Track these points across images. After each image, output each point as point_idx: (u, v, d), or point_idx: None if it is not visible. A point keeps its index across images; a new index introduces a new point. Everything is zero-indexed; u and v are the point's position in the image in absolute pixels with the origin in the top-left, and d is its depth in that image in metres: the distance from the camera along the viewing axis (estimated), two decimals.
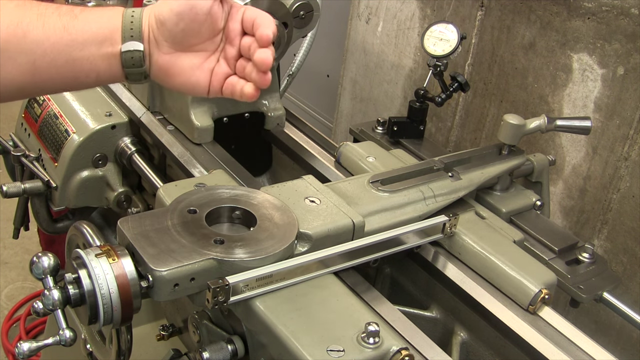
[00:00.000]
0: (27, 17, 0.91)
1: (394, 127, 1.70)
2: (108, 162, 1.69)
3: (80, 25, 0.93)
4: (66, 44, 0.92)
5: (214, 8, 0.95)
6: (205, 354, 1.04)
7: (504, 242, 1.26)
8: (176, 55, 0.97)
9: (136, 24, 0.95)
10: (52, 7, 0.93)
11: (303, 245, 1.08)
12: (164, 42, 0.96)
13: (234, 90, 1.00)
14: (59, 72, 0.94)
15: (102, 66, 0.95)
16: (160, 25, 0.95)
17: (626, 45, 1.75)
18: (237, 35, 0.99)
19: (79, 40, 0.93)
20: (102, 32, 0.94)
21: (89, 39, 0.93)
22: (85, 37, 0.93)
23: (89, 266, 0.94)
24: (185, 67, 0.98)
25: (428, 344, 1.08)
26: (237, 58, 1.00)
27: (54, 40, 0.92)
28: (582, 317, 1.91)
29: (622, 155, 1.81)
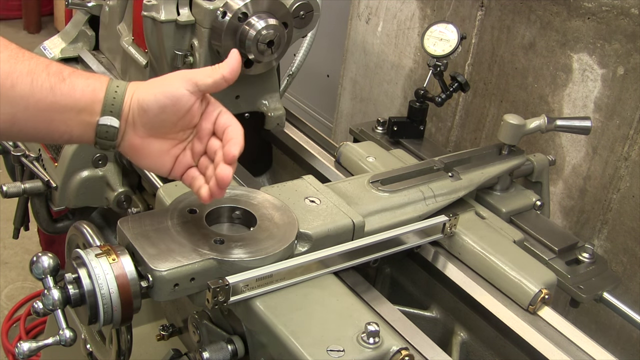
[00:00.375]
0: (17, 70, 0.93)
1: (394, 127, 1.70)
2: (108, 162, 1.69)
3: (66, 89, 0.95)
4: (49, 104, 0.95)
5: (195, 105, 1.00)
6: (205, 354, 1.04)
7: (504, 242, 1.26)
8: (148, 139, 1.01)
9: (118, 100, 0.98)
10: (43, 64, 0.95)
11: (303, 245, 1.08)
12: (141, 127, 1.00)
13: (193, 185, 1.04)
14: (36, 128, 0.98)
15: (77, 131, 0.99)
16: (142, 112, 0.98)
17: (626, 45, 1.75)
18: (207, 135, 1.03)
19: (61, 103, 0.95)
20: (85, 100, 0.97)
21: (71, 104, 0.96)
22: (67, 101, 0.96)
23: (89, 266, 0.94)
24: (154, 151, 1.02)
25: (428, 344, 1.08)
26: (202, 153, 1.04)
27: (39, 97, 0.94)
28: (582, 317, 1.91)
29: (622, 155, 1.81)
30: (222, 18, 1.42)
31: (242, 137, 1.00)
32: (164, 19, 1.45)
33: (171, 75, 1.01)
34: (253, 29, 1.43)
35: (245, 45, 1.44)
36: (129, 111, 0.99)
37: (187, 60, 1.50)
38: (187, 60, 1.50)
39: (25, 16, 5.29)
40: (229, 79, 1.00)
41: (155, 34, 1.49)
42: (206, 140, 1.03)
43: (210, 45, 1.47)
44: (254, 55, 1.45)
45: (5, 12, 5.38)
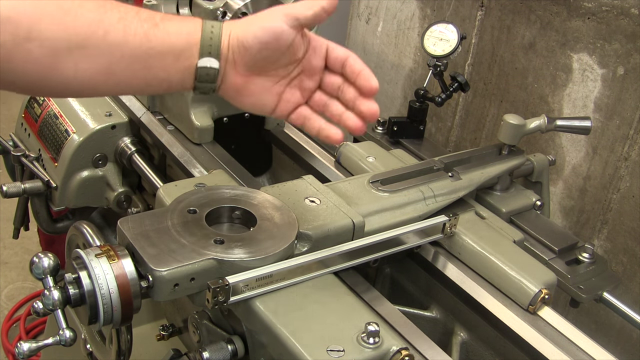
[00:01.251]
0: (108, 18, 0.89)
1: (394, 127, 1.70)
2: (108, 162, 1.69)
3: (160, 34, 0.92)
4: (145, 51, 0.92)
5: (297, 39, 0.96)
6: (205, 354, 1.04)
7: (504, 242, 1.26)
8: (250, 77, 0.98)
9: (215, 40, 0.94)
10: (133, 11, 0.92)
11: (303, 245, 1.08)
12: (242, 65, 0.96)
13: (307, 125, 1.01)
14: (134, 77, 0.94)
15: (176, 77, 0.95)
16: (244, 50, 0.95)
17: (626, 45, 1.75)
18: (318, 71, 1.00)
19: (158, 49, 0.92)
20: (181, 44, 0.93)
21: (168, 50, 0.93)
22: (164, 47, 0.92)
23: (89, 266, 0.94)
24: (256, 89, 0.99)
25: (428, 344, 1.08)
26: (313, 90, 1.01)
27: (133, 45, 0.91)
28: (582, 317, 1.91)
29: (622, 155, 1.81)
30: (222, 18, 1.42)
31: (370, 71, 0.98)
32: None
33: (269, 11, 0.96)
34: None
35: None
36: (228, 50, 0.95)
37: None
38: None
39: None
40: (328, 9, 0.96)
41: None
42: (318, 77, 1.00)
43: None
44: None
45: None
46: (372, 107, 1.01)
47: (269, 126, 1.68)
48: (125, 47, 0.90)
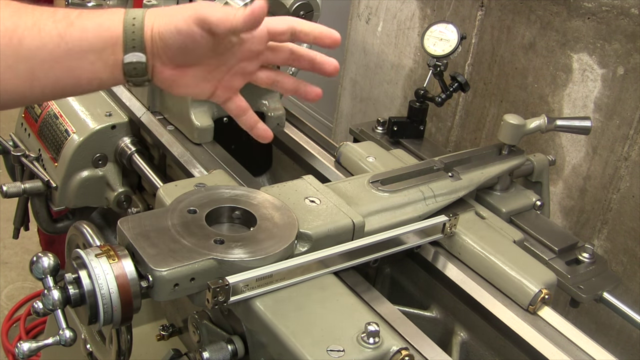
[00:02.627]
0: (22, 24, 0.88)
1: (394, 127, 1.70)
2: (108, 162, 1.69)
3: (77, 33, 0.90)
4: (64, 52, 0.90)
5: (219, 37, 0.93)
6: (205, 354, 1.04)
7: (504, 242, 1.26)
8: (181, 69, 0.95)
9: (138, 34, 0.91)
10: (48, 13, 0.90)
11: (303, 245, 1.08)
12: (168, 59, 0.94)
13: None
14: (59, 80, 0.92)
15: (104, 74, 0.93)
16: (165, 46, 0.92)
17: (626, 45, 1.75)
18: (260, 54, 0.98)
19: (76, 49, 0.90)
20: (101, 41, 0.91)
21: (88, 48, 0.90)
22: (83, 46, 0.90)
23: (89, 266, 0.94)
24: (190, 81, 0.97)
25: (428, 344, 1.08)
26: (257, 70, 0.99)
27: (51, 48, 0.89)
28: (582, 317, 1.91)
29: (622, 155, 1.81)
30: None
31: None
32: None
33: (188, 7, 0.92)
34: None
35: None
36: (151, 44, 0.92)
37: None
38: None
39: None
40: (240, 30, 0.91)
41: None
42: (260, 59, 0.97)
43: None
44: None
45: None
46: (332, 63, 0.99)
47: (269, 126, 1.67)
48: (42, 51, 0.89)
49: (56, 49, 0.89)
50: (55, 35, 0.89)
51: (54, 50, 0.89)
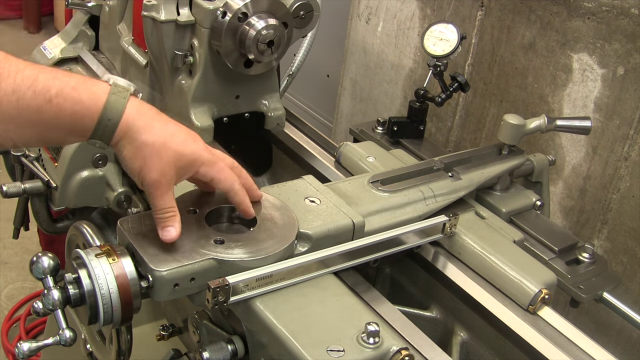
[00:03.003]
0: (2, 89, 0.90)
1: (394, 127, 1.70)
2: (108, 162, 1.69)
3: (52, 111, 0.93)
4: (37, 123, 0.93)
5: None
6: (205, 354, 1.04)
7: (504, 242, 1.26)
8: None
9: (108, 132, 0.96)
10: (29, 80, 0.92)
11: (303, 245, 1.08)
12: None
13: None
14: (30, 140, 0.98)
15: (72, 140, 1.05)
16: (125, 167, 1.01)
17: (626, 45, 1.75)
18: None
19: (50, 124, 0.94)
20: (73, 125, 0.95)
21: (59, 126, 0.95)
22: (55, 123, 0.94)
23: (89, 266, 0.94)
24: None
25: (428, 344, 1.08)
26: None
27: (26, 118, 0.92)
28: (582, 317, 1.91)
29: (622, 155, 1.81)
30: (222, 18, 1.42)
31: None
32: (164, 19, 1.45)
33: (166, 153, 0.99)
34: (253, 29, 1.43)
35: (245, 45, 1.44)
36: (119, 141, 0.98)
37: (187, 60, 1.50)
38: (187, 60, 1.50)
39: (25, 16, 5.29)
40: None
41: (155, 34, 1.49)
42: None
43: (210, 45, 1.47)
44: (254, 55, 1.45)
45: (5, 12, 5.37)
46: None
47: (269, 126, 1.68)
48: (19, 119, 0.92)
49: (31, 120, 0.93)
50: (33, 107, 0.92)
51: (29, 120, 0.93)
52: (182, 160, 0.99)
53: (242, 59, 1.49)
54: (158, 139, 0.97)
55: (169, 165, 0.98)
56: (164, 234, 0.99)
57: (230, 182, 1.05)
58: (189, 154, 1.00)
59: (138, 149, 0.97)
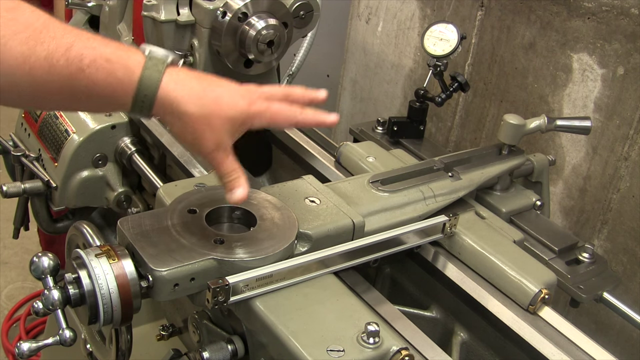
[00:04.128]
0: (35, 54, 0.88)
1: (394, 127, 1.70)
2: (108, 162, 1.69)
3: (85, 82, 0.90)
4: (70, 91, 0.91)
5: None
6: (205, 354, 1.04)
7: (504, 242, 1.26)
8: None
9: (147, 104, 0.93)
10: (63, 47, 0.89)
11: (303, 245, 1.08)
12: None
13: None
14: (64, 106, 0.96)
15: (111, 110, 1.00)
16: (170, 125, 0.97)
17: (626, 45, 1.75)
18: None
19: (85, 93, 0.91)
20: (107, 96, 0.92)
21: (94, 97, 0.92)
22: (89, 93, 0.91)
23: (89, 266, 0.94)
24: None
25: (428, 344, 1.08)
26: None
27: (59, 85, 0.90)
28: (582, 317, 1.91)
29: (622, 155, 1.81)
30: (222, 18, 1.42)
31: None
32: (164, 19, 1.45)
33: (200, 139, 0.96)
34: (253, 29, 1.43)
35: (245, 45, 1.44)
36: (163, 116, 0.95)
37: (187, 60, 1.50)
38: (187, 60, 1.50)
39: None
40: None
41: (155, 34, 1.49)
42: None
43: (210, 45, 1.47)
44: (254, 55, 1.46)
45: None
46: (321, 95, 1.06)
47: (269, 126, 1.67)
48: (51, 84, 0.90)
49: (64, 87, 0.91)
50: (65, 76, 0.90)
51: (61, 87, 0.91)
52: (234, 123, 0.96)
53: (242, 59, 1.49)
54: (204, 109, 0.94)
55: (221, 133, 0.95)
56: (232, 197, 0.98)
57: (288, 122, 1.02)
58: (238, 115, 0.97)
59: (185, 124, 0.94)
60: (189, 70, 0.98)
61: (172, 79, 0.93)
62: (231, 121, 0.96)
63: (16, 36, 0.88)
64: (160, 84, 0.92)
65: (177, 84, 0.93)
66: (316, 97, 1.07)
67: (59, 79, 0.90)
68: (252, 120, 0.99)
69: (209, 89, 0.96)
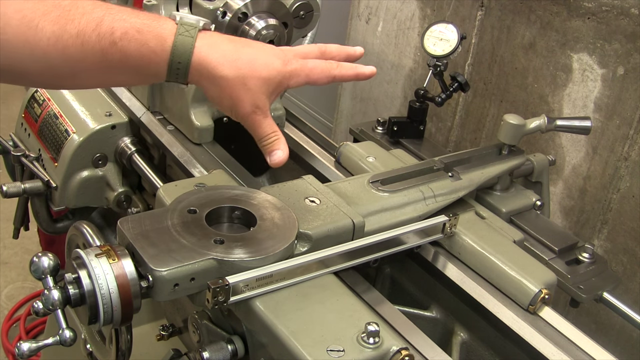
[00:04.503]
0: (67, 33, 0.88)
1: (394, 127, 1.70)
2: (108, 162, 1.69)
3: (117, 55, 0.90)
4: (105, 66, 0.91)
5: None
6: (205, 354, 1.04)
7: (504, 242, 1.26)
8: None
9: (182, 75, 0.93)
10: (94, 22, 0.89)
11: (303, 245, 1.08)
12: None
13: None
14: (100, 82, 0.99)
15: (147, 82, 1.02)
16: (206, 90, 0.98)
17: (626, 45, 1.75)
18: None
19: (117, 67, 0.92)
20: (143, 68, 0.93)
21: (128, 70, 0.92)
22: (123, 66, 0.92)
23: (89, 266, 0.94)
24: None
25: (428, 344, 1.08)
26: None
27: (92, 60, 0.90)
28: (582, 317, 1.91)
29: (622, 155, 1.81)
30: (222, 18, 1.42)
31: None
32: None
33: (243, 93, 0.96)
34: (253, 29, 1.43)
35: None
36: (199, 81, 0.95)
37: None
38: None
39: None
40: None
41: None
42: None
43: None
44: None
45: None
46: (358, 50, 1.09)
47: None
48: (85, 62, 0.90)
49: (98, 62, 0.91)
50: (97, 51, 0.90)
51: (96, 63, 0.91)
52: (270, 84, 0.96)
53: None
54: (239, 72, 0.94)
55: (258, 94, 0.95)
56: (272, 159, 0.99)
57: (325, 77, 1.01)
58: (275, 75, 0.96)
59: (221, 87, 0.94)
60: (221, 34, 0.98)
61: (205, 43, 0.93)
62: (267, 81, 0.96)
63: (46, 17, 0.88)
64: (193, 49, 0.92)
65: (210, 48, 0.93)
66: (353, 53, 1.08)
67: (92, 54, 0.90)
68: (288, 80, 0.98)
69: (243, 51, 0.95)
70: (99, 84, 0.96)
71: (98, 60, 0.90)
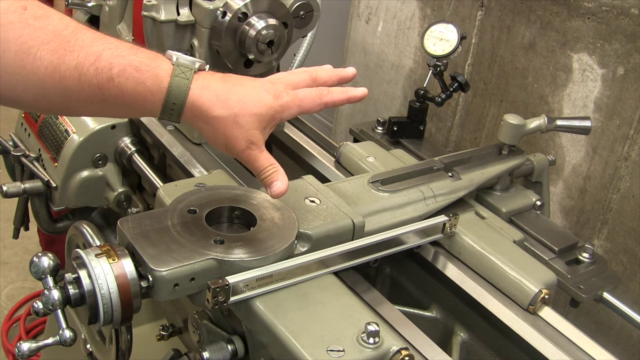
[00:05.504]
0: (65, 64, 0.89)
1: (394, 127, 1.70)
2: (108, 162, 1.69)
3: (114, 91, 0.91)
4: (100, 101, 0.92)
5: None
6: (205, 354, 1.04)
7: (504, 242, 1.26)
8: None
9: (175, 115, 0.95)
10: (92, 56, 0.90)
11: (303, 245, 1.08)
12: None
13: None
14: (93, 113, 1.02)
15: (140, 116, 0.99)
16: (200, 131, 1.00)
17: (626, 45, 1.75)
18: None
19: (112, 102, 0.93)
20: (138, 106, 0.94)
21: (123, 105, 0.94)
22: (118, 103, 0.93)
23: (89, 266, 0.94)
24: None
25: (428, 344, 1.08)
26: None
27: (88, 93, 0.91)
28: (582, 317, 1.91)
29: (622, 155, 1.81)
30: (222, 18, 1.42)
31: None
32: (164, 19, 1.45)
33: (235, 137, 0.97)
34: (253, 29, 1.43)
35: (245, 45, 1.44)
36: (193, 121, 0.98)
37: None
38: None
39: None
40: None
41: (155, 34, 1.49)
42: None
43: (210, 45, 1.47)
44: (254, 55, 1.45)
45: None
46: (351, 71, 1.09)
47: None
48: (81, 94, 0.91)
49: (93, 96, 0.92)
50: (94, 85, 0.91)
51: (91, 96, 0.92)
52: (262, 119, 0.98)
53: (242, 59, 1.49)
54: (230, 111, 0.96)
55: (251, 131, 0.97)
56: (272, 191, 1.00)
57: (317, 105, 1.03)
58: (266, 111, 0.98)
59: (215, 127, 0.96)
60: (214, 73, 1.00)
61: (199, 85, 0.95)
62: (259, 117, 0.97)
63: (46, 46, 0.89)
64: (188, 91, 0.94)
65: (203, 90, 0.96)
66: (345, 75, 1.08)
67: (88, 87, 0.91)
68: (281, 114, 1.00)
69: (234, 90, 0.97)
70: (92, 114, 0.98)
71: (94, 94, 0.92)
